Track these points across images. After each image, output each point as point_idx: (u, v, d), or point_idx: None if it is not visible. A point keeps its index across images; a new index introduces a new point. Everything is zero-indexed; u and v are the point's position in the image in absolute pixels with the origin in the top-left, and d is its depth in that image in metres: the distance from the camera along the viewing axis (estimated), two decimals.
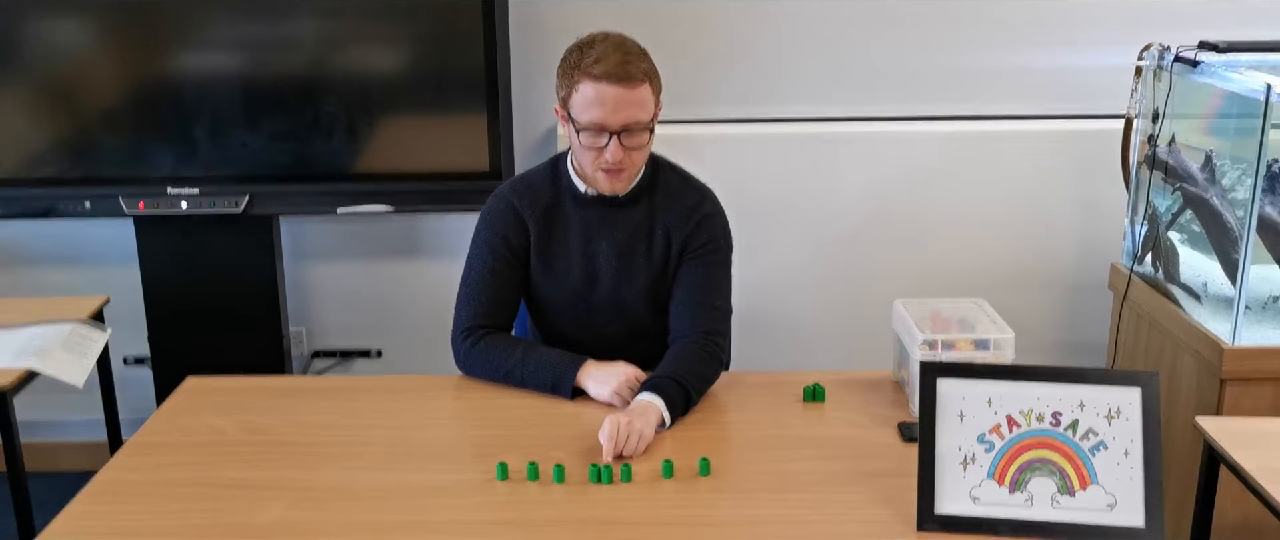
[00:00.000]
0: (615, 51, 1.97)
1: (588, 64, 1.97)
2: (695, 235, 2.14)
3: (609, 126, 1.98)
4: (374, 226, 3.25)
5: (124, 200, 2.91)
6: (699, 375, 2.03)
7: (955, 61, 3.10)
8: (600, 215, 2.14)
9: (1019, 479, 1.62)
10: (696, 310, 2.12)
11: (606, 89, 1.96)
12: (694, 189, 2.18)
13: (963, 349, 1.95)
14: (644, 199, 2.14)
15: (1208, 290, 2.55)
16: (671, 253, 2.15)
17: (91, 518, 1.69)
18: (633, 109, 1.98)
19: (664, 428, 1.93)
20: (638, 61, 1.99)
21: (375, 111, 2.91)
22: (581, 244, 2.15)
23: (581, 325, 2.21)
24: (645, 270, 2.15)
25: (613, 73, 1.95)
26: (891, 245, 3.18)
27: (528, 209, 2.15)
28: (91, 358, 2.43)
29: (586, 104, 1.98)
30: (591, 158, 2.04)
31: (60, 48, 2.84)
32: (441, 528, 1.65)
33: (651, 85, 2.01)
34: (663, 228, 2.14)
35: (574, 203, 2.15)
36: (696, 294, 2.13)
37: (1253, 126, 2.31)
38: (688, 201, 2.15)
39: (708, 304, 2.13)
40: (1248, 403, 2.39)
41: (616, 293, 2.17)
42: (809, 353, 3.24)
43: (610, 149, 2.00)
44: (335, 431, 1.96)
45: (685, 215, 2.14)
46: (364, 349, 3.37)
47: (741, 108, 3.14)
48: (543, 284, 2.19)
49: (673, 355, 2.07)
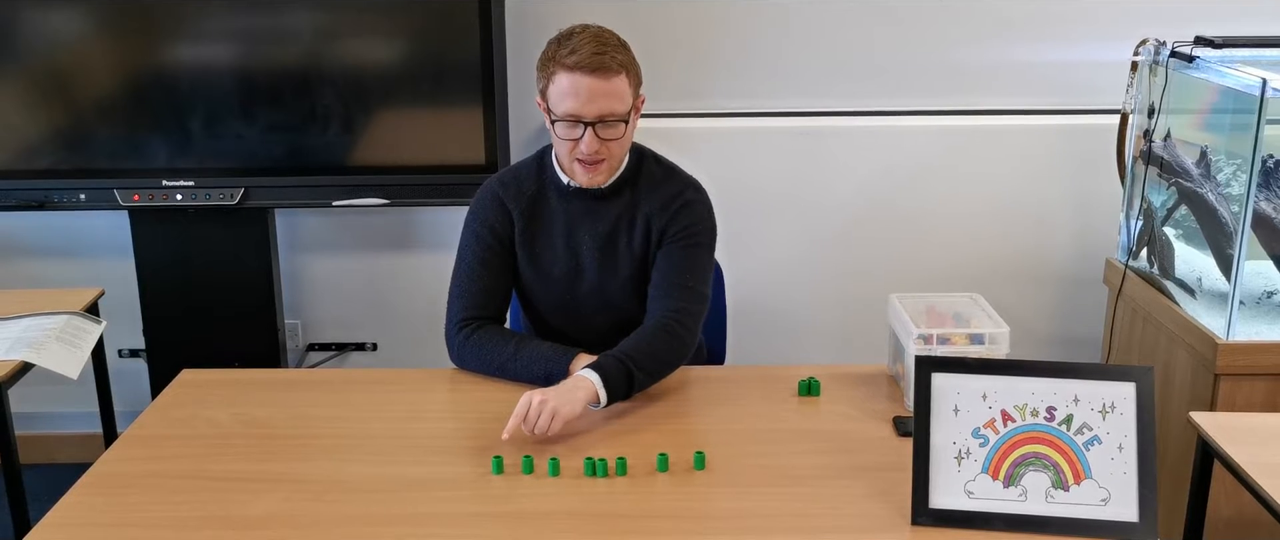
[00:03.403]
0: (591, 42, 1.96)
1: (563, 55, 1.97)
2: (675, 221, 2.12)
3: (583, 117, 1.98)
4: (369, 220, 3.25)
5: (119, 192, 2.91)
6: (649, 354, 1.99)
7: (952, 56, 3.10)
8: (583, 208, 2.14)
9: (1013, 474, 1.63)
10: (667, 290, 2.09)
11: (581, 80, 1.95)
12: (678, 180, 2.17)
13: (958, 343, 1.96)
14: (626, 190, 2.14)
15: (1202, 285, 2.56)
16: (651, 239, 2.14)
17: (86, 510, 1.69)
18: (608, 100, 1.97)
19: (598, 407, 1.92)
20: (614, 53, 1.98)
21: (371, 104, 2.90)
22: (565, 236, 2.15)
23: (569, 317, 2.21)
24: (628, 261, 2.15)
25: (587, 63, 1.94)
26: (887, 240, 3.18)
27: (512, 200, 2.15)
28: (86, 350, 2.43)
29: (562, 95, 1.98)
30: (567, 149, 2.03)
31: (55, 39, 2.84)
32: (436, 520, 1.65)
33: (629, 77, 2.00)
34: (644, 218, 2.13)
35: (558, 195, 2.15)
36: (670, 275, 2.10)
37: (1248, 122, 2.31)
38: (670, 191, 2.14)
39: (680, 284, 2.09)
40: (1242, 398, 2.39)
41: (601, 284, 2.16)
42: (804, 347, 3.24)
43: (585, 140, 1.99)
44: (330, 424, 1.96)
45: (667, 203, 2.13)
46: (359, 342, 3.37)
47: (737, 101, 3.14)
48: (529, 275, 2.19)
49: (631, 336, 2.03)
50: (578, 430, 1.89)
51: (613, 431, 1.91)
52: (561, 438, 1.87)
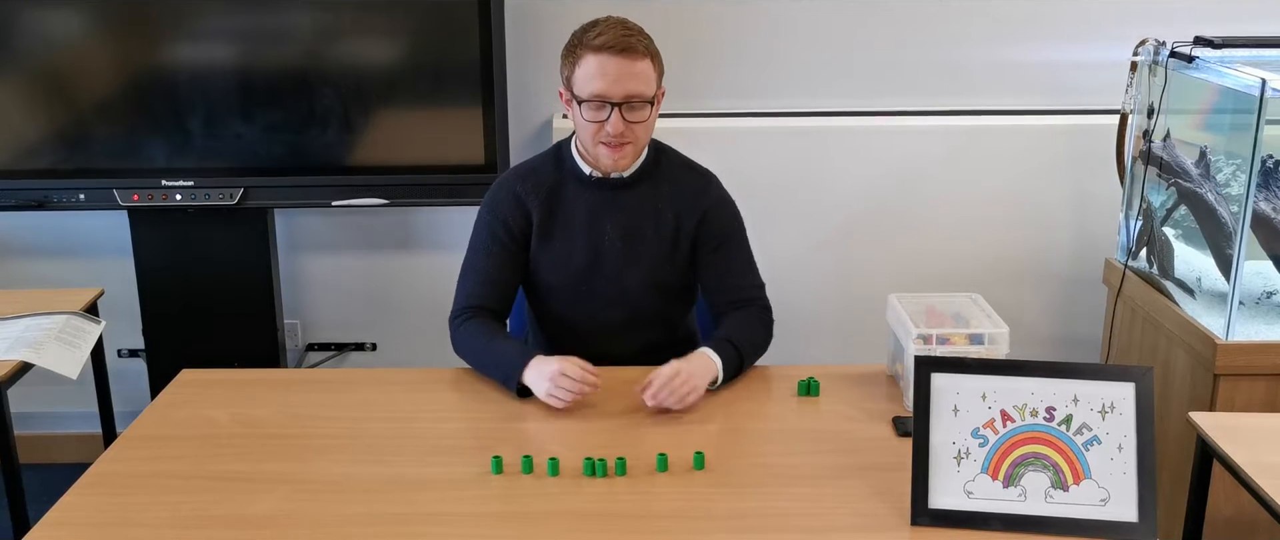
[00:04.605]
0: (617, 26, 2.02)
1: (590, 38, 2.00)
2: (709, 224, 2.17)
3: (611, 97, 2.00)
4: (369, 219, 3.25)
5: (118, 192, 2.91)
6: (751, 343, 2.11)
7: (951, 56, 3.10)
8: (605, 197, 2.14)
9: (1013, 474, 1.63)
10: (735, 287, 2.19)
11: (608, 60, 1.98)
12: (697, 173, 2.21)
13: (957, 343, 1.96)
14: (648, 181, 2.16)
15: (1202, 285, 2.56)
16: (681, 237, 2.16)
17: (85, 510, 1.69)
18: (635, 81, 2.00)
19: (714, 387, 2.00)
20: (639, 37, 2.03)
21: (370, 104, 2.90)
22: (586, 226, 2.15)
23: (582, 310, 2.21)
24: (652, 252, 2.16)
25: (614, 44, 1.98)
26: (887, 240, 3.18)
27: (530, 193, 2.15)
28: (85, 350, 2.43)
29: (589, 76, 2.00)
30: (593, 131, 2.05)
31: (54, 39, 2.84)
32: (436, 520, 1.65)
33: (654, 63, 2.05)
34: (672, 211, 2.16)
35: (578, 185, 2.15)
36: (729, 276, 2.20)
37: (1247, 122, 2.31)
38: (694, 185, 2.18)
39: (746, 280, 2.21)
40: (1241, 398, 2.39)
41: (619, 276, 2.16)
42: (804, 347, 3.24)
43: (612, 120, 2.01)
44: (330, 424, 1.96)
45: (693, 199, 2.16)
46: (358, 342, 3.37)
47: (737, 101, 3.14)
48: (544, 267, 2.18)
49: (731, 321, 2.14)
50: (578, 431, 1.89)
51: (612, 431, 1.91)
52: (561, 438, 1.87)
